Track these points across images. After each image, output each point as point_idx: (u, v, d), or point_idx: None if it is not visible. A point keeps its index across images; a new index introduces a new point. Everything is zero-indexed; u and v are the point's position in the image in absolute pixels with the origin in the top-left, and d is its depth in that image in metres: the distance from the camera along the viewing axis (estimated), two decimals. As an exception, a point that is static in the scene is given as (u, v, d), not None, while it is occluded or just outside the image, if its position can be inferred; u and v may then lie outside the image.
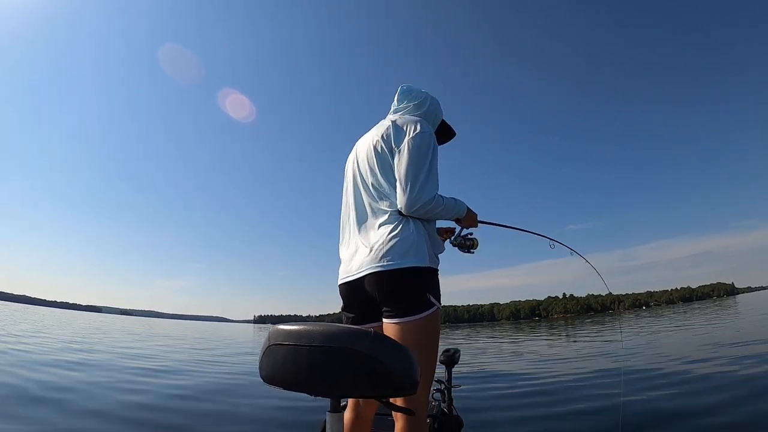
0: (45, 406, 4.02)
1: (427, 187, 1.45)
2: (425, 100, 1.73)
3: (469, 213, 1.69)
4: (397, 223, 1.48)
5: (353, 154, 1.74)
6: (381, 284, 1.43)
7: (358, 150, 1.71)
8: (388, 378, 0.90)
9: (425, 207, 1.44)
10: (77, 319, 39.99)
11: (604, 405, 4.36)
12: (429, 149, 1.50)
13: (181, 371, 7.42)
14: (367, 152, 1.62)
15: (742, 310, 26.95)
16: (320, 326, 0.95)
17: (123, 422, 3.71)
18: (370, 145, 1.61)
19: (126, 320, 70.17)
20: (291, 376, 0.95)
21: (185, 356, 10.77)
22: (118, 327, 29.89)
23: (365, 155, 1.63)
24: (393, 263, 1.41)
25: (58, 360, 7.63)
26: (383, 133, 1.58)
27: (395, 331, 1.38)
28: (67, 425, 3.52)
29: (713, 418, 3.58)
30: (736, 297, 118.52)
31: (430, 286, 1.45)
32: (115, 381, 5.85)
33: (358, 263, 1.50)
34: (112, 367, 7.22)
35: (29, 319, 27.89)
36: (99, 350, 10.52)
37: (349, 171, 1.72)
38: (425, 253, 1.46)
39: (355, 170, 1.68)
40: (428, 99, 1.75)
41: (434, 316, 1.42)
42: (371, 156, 1.59)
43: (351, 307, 1.58)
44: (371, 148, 1.60)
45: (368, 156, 1.61)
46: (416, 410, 1.34)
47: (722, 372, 5.50)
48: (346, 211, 1.70)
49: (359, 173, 1.65)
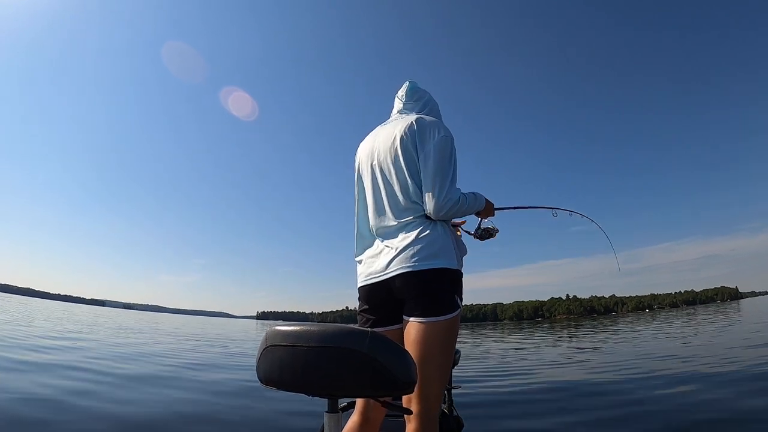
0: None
1: (453, 189, 1.47)
2: (429, 101, 1.77)
3: (487, 204, 1.69)
4: (426, 225, 1.47)
5: (369, 151, 1.67)
6: (412, 285, 1.42)
7: (377, 147, 1.64)
8: (387, 378, 0.91)
9: (453, 209, 1.46)
10: (83, 311, 40.30)
11: (604, 404, 4.35)
12: (452, 153, 1.52)
13: (179, 372, 7.45)
14: (390, 147, 1.57)
15: (732, 317, 26.77)
16: (318, 326, 0.96)
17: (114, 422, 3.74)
18: (395, 141, 1.57)
19: (129, 314, 70.62)
20: (289, 376, 0.96)
21: (184, 355, 10.81)
22: (120, 321, 30.07)
23: (387, 152, 1.58)
24: (425, 264, 1.41)
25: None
26: (407, 130, 1.55)
27: (421, 331, 1.38)
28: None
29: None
30: (739, 301, 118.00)
31: (457, 288, 1.46)
32: (107, 381, 5.88)
33: (385, 264, 1.48)
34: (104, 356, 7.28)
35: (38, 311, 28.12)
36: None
37: (366, 168, 1.67)
38: (453, 255, 1.47)
39: (374, 168, 1.62)
40: (432, 100, 1.78)
41: (457, 318, 1.43)
42: (396, 153, 1.55)
43: (373, 310, 1.55)
44: (395, 143, 1.56)
45: (392, 153, 1.57)
46: (429, 411, 1.35)
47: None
48: (364, 211, 1.66)
49: (381, 171, 1.60)
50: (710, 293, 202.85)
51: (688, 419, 3.72)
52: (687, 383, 5.28)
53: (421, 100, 1.75)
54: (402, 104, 1.77)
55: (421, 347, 1.36)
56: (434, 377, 1.36)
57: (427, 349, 1.36)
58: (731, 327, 16.24)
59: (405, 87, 1.78)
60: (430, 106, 1.75)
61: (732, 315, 28.44)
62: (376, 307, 1.54)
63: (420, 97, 1.75)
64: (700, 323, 21.81)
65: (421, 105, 1.74)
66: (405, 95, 1.77)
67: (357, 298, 1.63)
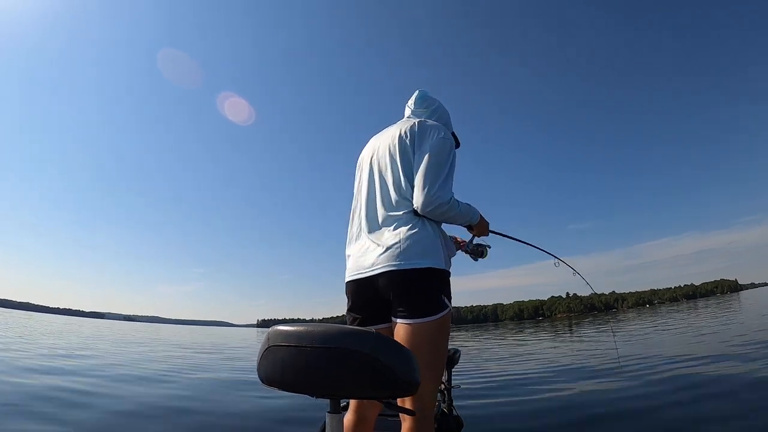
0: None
1: (445, 189, 1.45)
2: (438, 108, 1.79)
3: (481, 221, 1.68)
4: (414, 223, 1.46)
5: (371, 149, 1.70)
6: (396, 283, 1.40)
7: (378, 144, 1.67)
8: (390, 379, 0.91)
9: (441, 207, 1.44)
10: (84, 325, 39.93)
11: (604, 405, 4.37)
12: (450, 155, 1.53)
13: (177, 375, 7.43)
14: (390, 146, 1.60)
15: (731, 308, 26.77)
16: (321, 327, 0.95)
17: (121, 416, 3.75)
18: (394, 139, 1.59)
19: (130, 326, 70.05)
20: (291, 377, 0.95)
21: (182, 360, 10.75)
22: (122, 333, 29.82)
23: (386, 149, 1.61)
24: (410, 263, 1.39)
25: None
26: (408, 130, 1.58)
27: (408, 332, 1.36)
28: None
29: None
30: (739, 294, 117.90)
31: (444, 288, 1.44)
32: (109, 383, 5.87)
33: (371, 260, 1.46)
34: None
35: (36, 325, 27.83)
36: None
37: (365, 164, 1.68)
38: (441, 255, 1.46)
39: (373, 164, 1.64)
40: (441, 108, 1.80)
41: (447, 317, 1.42)
42: (394, 150, 1.57)
43: (358, 308, 1.53)
44: (395, 142, 1.58)
45: (390, 150, 1.59)
46: (424, 411, 1.34)
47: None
48: (357, 206, 1.66)
49: (378, 167, 1.62)
50: (710, 286, 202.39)
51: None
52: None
53: (430, 107, 1.77)
54: (411, 112, 1.80)
55: (410, 348, 1.36)
56: (426, 377, 1.33)
57: (415, 350, 1.32)
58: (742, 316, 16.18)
59: (414, 95, 1.81)
60: (439, 113, 1.77)
61: (744, 305, 28.29)
62: (363, 305, 1.53)
63: (429, 105, 1.77)
64: (717, 315, 21.79)
65: (430, 113, 1.76)
66: (414, 103, 1.80)
67: (344, 294, 1.61)
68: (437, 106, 1.79)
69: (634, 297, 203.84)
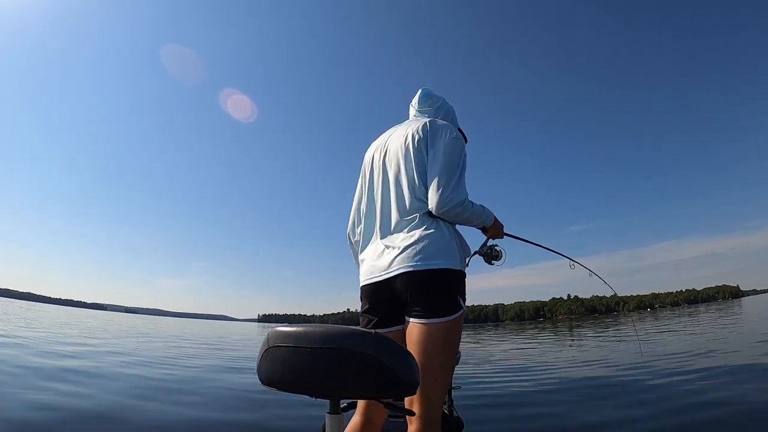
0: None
1: (459, 189, 1.45)
2: (443, 105, 1.76)
3: (495, 223, 1.66)
4: (429, 224, 1.46)
5: (380, 149, 1.67)
6: (414, 284, 1.40)
7: (388, 145, 1.64)
8: (390, 379, 0.91)
9: (456, 208, 1.43)
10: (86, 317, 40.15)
11: (604, 404, 4.35)
12: (462, 154, 1.52)
13: (172, 369, 7.44)
14: (401, 147, 1.57)
15: (730, 315, 26.67)
16: (321, 327, 0.95)
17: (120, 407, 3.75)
18: (406, 139, 1.57)
19: (130, 318, 70.43)
20: (291, 377, 0.95)
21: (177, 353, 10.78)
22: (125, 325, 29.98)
23: (398, 150, 1.58)
24: (427, 263, 1.39)
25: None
26: (419, 129, 1.56)
27: (423, 332, 1.36)
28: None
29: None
30: (741, 300, 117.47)
31: (460, 289, 1.44)
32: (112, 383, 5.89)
33: (387, 262, 1.45)
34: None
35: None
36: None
37: (376, 164, 1.66)
38: (457, 255, 1.46)
39: (383, 164, 1.62)
40: (446, 105, 1.78)
41: (460, 318, 1.41)
42: (407, 151, 1.55)
43: (375, 310, 1.53)
44: (407, 142, 1.56)
45: (402, 151, 1.57)
46: (432, 413, 1.33)
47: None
48: (368, 207, 1.64)
49: (389, 168, 1.59)
50: (711, 292, 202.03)
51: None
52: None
53: (434, 105, 1.75)
54: (416, 111, 1.77)
55: (422, 348, 1.34)
56: (436, 379, 1.34)
57: (428, 350, 1.34)
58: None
59: (418, 94, 1.78)
60: (445, 110, 1.75)
61: (745, 312, 28.27)
62: (378, 308, 1.52)
63: (433, 103, 1.75)
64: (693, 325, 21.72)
65: (435, 110, 1.74)
66: (418, 102, 1.77)
67: (359, 298, 1.60)
68: (442, 103, 1.77)
69: (635, 300, 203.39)
